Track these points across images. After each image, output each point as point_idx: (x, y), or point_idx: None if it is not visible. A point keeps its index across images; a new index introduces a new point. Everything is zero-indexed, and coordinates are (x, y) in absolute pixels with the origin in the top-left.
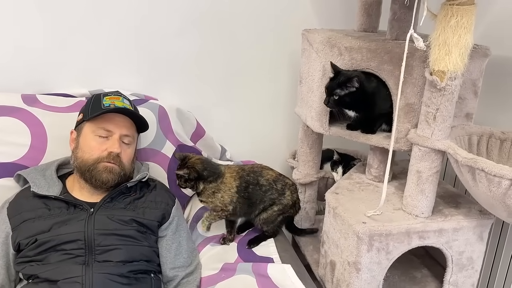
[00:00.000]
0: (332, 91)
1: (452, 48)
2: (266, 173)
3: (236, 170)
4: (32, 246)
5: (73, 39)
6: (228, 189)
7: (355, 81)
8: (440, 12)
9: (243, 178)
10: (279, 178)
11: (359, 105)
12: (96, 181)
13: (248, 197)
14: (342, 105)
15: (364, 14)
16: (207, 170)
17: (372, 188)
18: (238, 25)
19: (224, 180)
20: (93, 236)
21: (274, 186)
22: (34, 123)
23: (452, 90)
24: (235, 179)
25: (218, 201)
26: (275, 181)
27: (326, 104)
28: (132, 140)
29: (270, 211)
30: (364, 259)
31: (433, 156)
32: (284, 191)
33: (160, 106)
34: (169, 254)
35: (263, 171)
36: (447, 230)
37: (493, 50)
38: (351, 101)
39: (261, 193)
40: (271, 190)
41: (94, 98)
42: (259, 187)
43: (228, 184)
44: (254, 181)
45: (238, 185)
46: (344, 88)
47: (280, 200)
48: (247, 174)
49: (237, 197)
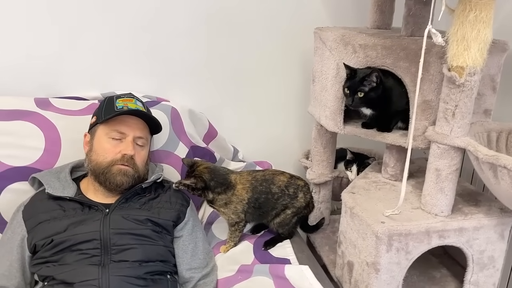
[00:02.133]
0: (355, 89)
1: (471, 43)
2: (278, 180)
3: (249, 181)
4: (48, 246)
5: (84, 42)
6: (240, 201)
7: (374, 76)
8: (458, 6)
9: (256, 189)
10: (291, 182)
11: (376, 103)
12: (110, 183)
13: (259, 207)
14: (367, 103)
15: (377, 11)
16: (214, 181)
17: (389, 187)
18: (249, 25)
19: (236, 192)
20: (109, 236)
21: (286, 192)
22: (48, 127)
23: (472, 86)
24: (247, 191)
25: (231, 211)
26: (287, 186)
27: (350, 104)
28: (146, 142)
29: (283, 215)
30: (383, 259)
31: (452, 153)
32: (296, 194)
33: (172, 107)
34: (185, 255)
35: (275, 177)
36: (468, 229)
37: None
38: (375, 98)
39: (273, 201)
40: (283, 196)
41: (107, 101)
42: (271, 195)
43: (240, 196)
44: (266, 190)
45: (249, 197)
46: (367, 84)
47: (293, 203)
48: (260, 183)
49: (247, 207)
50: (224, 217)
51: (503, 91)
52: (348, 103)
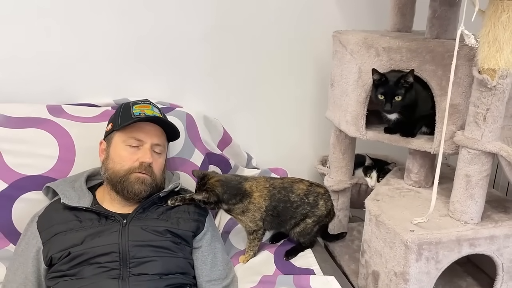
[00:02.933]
0: (393, 93)
1: (504, 44)
2: (297, 188)
3: (267, 188)
4: (65, 260)
5: (96, 47)
6: (257, 209)
7: (410, 76)
8: (489, 8)
9: (274, 196)
10: (310, 190)
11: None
12: (128, 192)
13: (278, 215)
14: (404, 106)
15: (397, 14)
16: (227, 193)
17: (413, 194)
18: (262, 29)
19: (253, 200)
20: (128, 248)
21: (306, 200)
22: (62, 134)
23: (504, 89)
24: (265, 199)
25: (249, 219)
26: (307, 194)
27: (389, 110)
28: (163, 149)
29: (303, 224)
30: (412, 269)
31: (483, 159)
32: (317, 202)
33: (187, 114)
34: (205, 266)
35: (294, 185)
36: (499, 237)
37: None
38: (412, 100)
39: (292, 210)
40: (302, 205)
41: (123, 107)
42: (290, 204)
43: (257, 204)
44: (285, 198)
45: (267, 205)
46: (401, 87)
47: (314, 212)
48: (278, 191)
49: (265, 215)
50: (242, 225)
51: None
52: (385, 109)
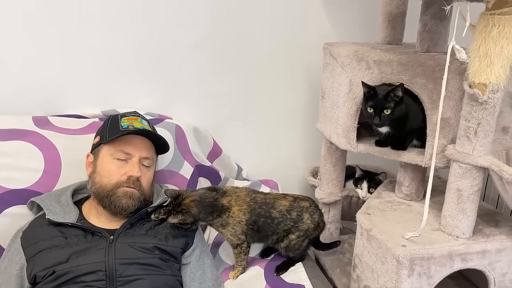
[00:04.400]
0: (382, 107)
1: (494, 59)
2: (279, 204)
3: (247, 202)
4: (49, 278)
5: (83, 57)
6: (237, 222)
7: (399, 90)
8: (480, 22)
9: (254, 211)
10: (294, 205)
11: (394, 120)
12: (115, 207)
13: (258, 230)
14: (393, 120)
15: (388, 27)
16: (203, 213)
17: (405, 207)
18: (253, 40)
19: (232, 214)
20: (114, 266)
21: (288, 217)
22: (47, 147)
23: (494, 103)
24: (244, 213)
25: (229, 233)
26: (289, 210)
27: (378, 124)
28: (152, 162)
29: (287, 240)
30: (404, 284)
31: (475, 173)
32: (301, 217)
33: (176, 125)
34: (193, 283)
35: (276, 202)
36: (490, 251)
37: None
38: (402, 113)
39: (273, 226)
40: (284, 221)
41: (111, 120)
42: (271, 220)
43: (237, 218)
44: (265, 214)
45: (247, 219)
46: (391, 100)
47: (298, 227)
48: (259, 206)
49: (246, 229)
50: (224, 238)
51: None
52: (374, 122)
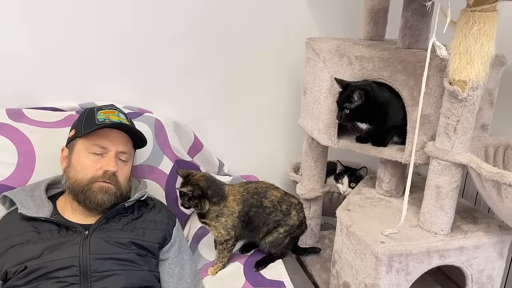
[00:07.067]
0: (342, 105)
1: (474, 56)
2: (270, 194)
3: (241, 193)
4: (21, 274)
5: (60, 48)
6: (230, 214)
7: (355, 96)
8: (460, 19)
9: (247, 201)
10: (284, 199)
11: (372, 117)
12: (90, 202)
13: (250, 221)
14: (355, 119)
15: (370, 22)
16: (211, 189)
17: (384, 203)
18: (236, 35)
19: (227, 204)
20: (89, 262)
21: (279, 208)
22: (21, 140)
23: (474, 100)
24: (238, 203)
25: (222, 226)
26: (280, 202)
27: (339, 120)
28: (129, 157)
29: (276, 233)
30: (383, 281)
31: (454, 170)
32: (289, 211)
33: (156, 119)
34: (171, 279)
35: (268, 191)
36: (468, 248)
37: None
38: (363, 114)
39: (264, 216)
40: (275, 212)
41: (87, 113)
42: (262, 209)
43: (231, 209)
44: (257, 203)
45: (240, 210)
46: (352, 101)
47: (286, 221)
48: (251, 196)
49: (237, 222)
50: (214, 233)
51: (499, 105)
52: (337, 118)
